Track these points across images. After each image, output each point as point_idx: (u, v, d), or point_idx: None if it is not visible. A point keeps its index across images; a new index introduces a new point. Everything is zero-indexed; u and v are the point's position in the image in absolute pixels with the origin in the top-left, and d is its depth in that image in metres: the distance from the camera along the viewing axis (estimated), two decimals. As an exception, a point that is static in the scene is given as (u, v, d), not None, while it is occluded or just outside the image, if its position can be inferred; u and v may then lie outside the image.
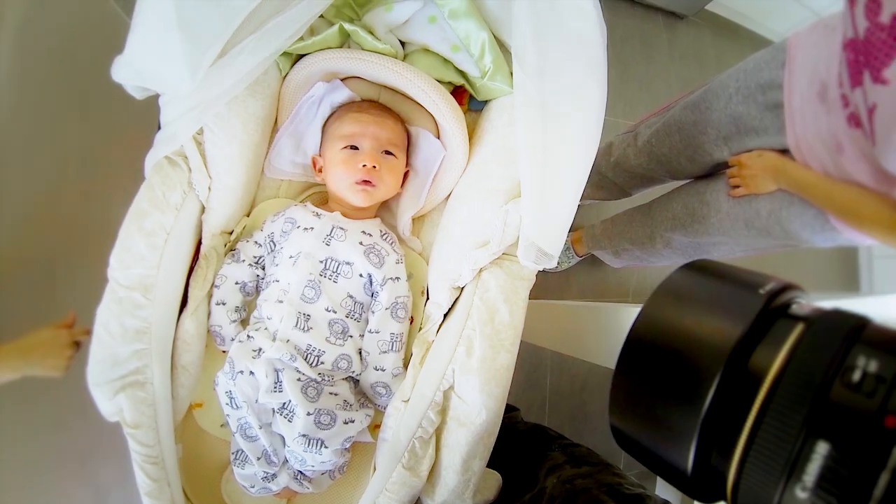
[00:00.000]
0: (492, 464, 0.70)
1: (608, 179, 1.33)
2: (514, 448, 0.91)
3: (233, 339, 0.72)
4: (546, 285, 1.69)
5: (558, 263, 1.63)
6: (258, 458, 0.67)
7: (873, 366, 0.23)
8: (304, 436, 0.64)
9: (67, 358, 0.67)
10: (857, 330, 0.25)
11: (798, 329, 0.27)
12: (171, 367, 0.66)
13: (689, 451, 0.27)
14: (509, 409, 1.16)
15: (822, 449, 0.22)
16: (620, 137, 1.25)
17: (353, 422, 0.68)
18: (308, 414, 0.64)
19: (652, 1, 1.98)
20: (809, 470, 0.23)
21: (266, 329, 0.70)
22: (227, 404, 0.68)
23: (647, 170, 1.16)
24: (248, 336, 0.69)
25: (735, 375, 0.27)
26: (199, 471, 0.72)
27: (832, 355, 0.24)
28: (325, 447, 0.64)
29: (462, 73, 0.82)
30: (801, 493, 0.23)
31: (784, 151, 0.85)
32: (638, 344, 0.32)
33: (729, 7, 2.17)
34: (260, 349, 0.67)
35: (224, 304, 0.72)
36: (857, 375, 0.23)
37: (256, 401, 0.66)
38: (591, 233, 1.50)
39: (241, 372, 0.66)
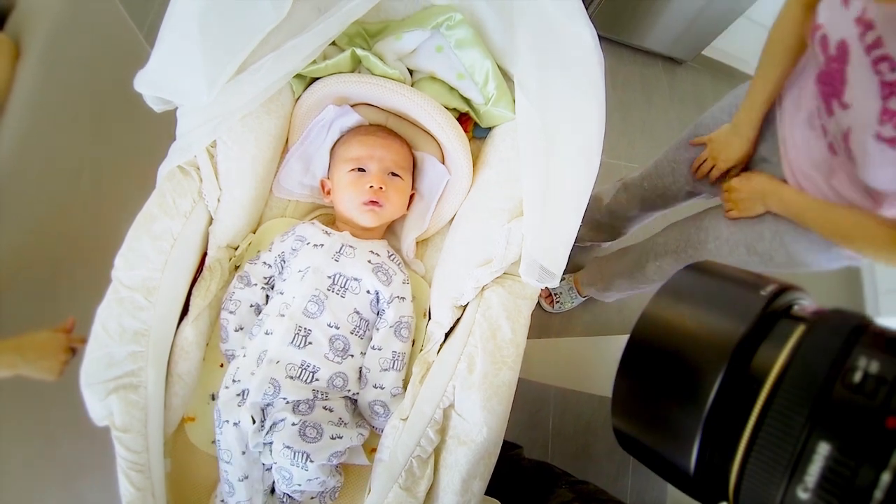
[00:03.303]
0: (497, 498, 0.68)
1: (603, 224, 1.38)
2: (518, 485, 0.88)
3: None
4: (549, 325, 1.67)
5: (562, 304, 1.63)
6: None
7: (874, 367, 0.23)
8: (288, 447, 0.62)
9: (62, 362, 0.67)
10: (858, 331, 0.25)
11: (800, 330, 0.27)
12: (166, 374, 0.65)
13: (691, 450, 0.27)
14: (512, 447, 1.12)
15: (823, 450, 0.22)
16: (607, 188, 1.31)
17: (340, 438, 0.65)
18: (293, 424, 0.63)
19: (651, 47, 2.08)
20: (811, 471, 0.22)
21: (246, 357, 0.68)
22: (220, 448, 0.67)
23: (641, 212, 1.20)
24: (234, 380, 0.67)
25: (737, 375, 0.27)
26: (187, 488, 0.69)
27: (833, 356, 0.24)
28: (311, 461, 0.62)
29: (467, 101, 0.86)
30: (802, 494, 0.23)
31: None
32: (640, 344, 0.31)
33: (724, 51, 2.27)
34: (245, 391, 0.66)
35: (243, 328, 0.72)
36: (858, 376, 0.23)
37: (243, 452, 0.65)
38: (585, 273, 1.53)
39: (227, 422, 0.65)
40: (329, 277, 0.72)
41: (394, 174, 0.79)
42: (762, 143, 0.87)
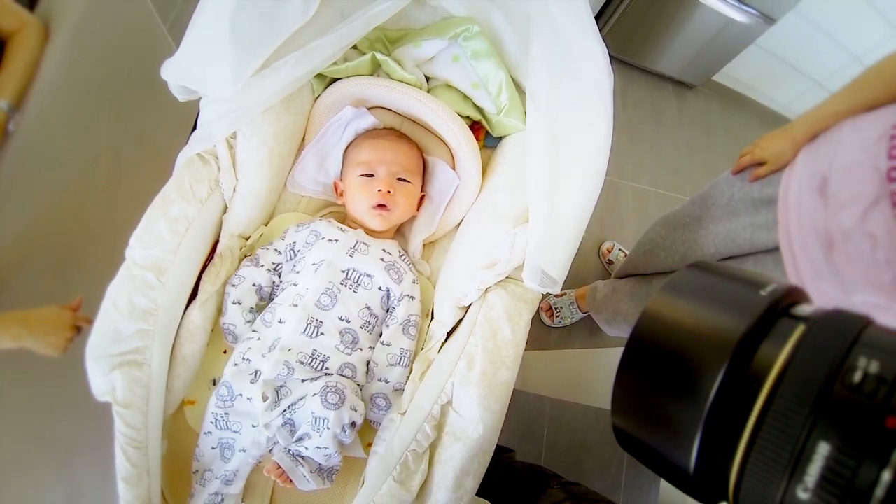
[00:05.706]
0: (489, 499, 0.69)
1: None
2: (511, 486, 0.88)
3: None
4: (548, 339, 1.67)
5: (562, 318, 1.63)
6: (216, 478, 0.68)
7: (874, 367, 0.23)
8: (316, 395, 0.64)
9: (67, 339, 0.68)
10: (858, 331, 0.25)
11: (800, 329, 0.27)
12: (171, 355, 0.66)
13: (691, 449, 0.27)
14: (505, 451, 1.12)
15: (823, 449, 0.22)
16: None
17: (356, 410, 0.67)
18: (320, 388, 0.65)
19: (662, 70, 2.12)
20: (811, 470, 0.22)
21: (260, 340, 0.70)
22: (211, 422, 0.68)
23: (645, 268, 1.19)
24: (244, 359, 0.69)
25: (738, 373, 0.27)
26: (180, 471, 0.70)
27: (833, 356, 0.24)
28: (328, 428, 0.63)
29: (480, 110, 0.88)
30: (802, 494, 0.23)
31: (775, 249, 0.81)
32: (641, 342, 0.31)
33: (734, 77, 2.30)
34: (257, 371, 0.68)
35: (240, 303, 0.74)
36: (857, 376, 0.23)
37: (253, 426, 0.67)
38: (592, 295, 1.51)
39: (241, 395, 0.67)
40: (343, 272, 0.74)
41: (401, 179, 0.81)
42: (758, 207, 0.85)
